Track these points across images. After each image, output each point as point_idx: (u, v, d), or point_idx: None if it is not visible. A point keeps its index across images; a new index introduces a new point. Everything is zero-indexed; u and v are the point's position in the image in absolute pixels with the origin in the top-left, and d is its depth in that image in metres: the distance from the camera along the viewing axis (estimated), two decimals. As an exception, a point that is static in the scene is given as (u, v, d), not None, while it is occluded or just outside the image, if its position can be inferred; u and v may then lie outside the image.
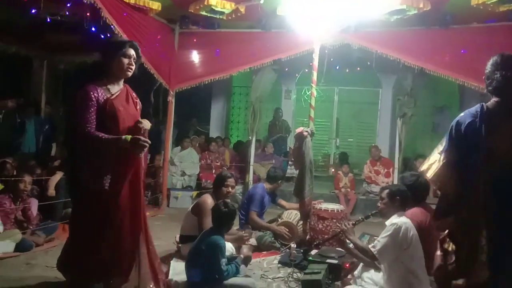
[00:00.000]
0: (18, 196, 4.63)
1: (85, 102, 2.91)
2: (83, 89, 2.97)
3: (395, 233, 2.98)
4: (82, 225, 3.01)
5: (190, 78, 6.83)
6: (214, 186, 4.28)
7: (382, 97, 9.30)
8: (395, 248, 2.97)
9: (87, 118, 2.89)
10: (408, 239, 2.98)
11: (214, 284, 3.22)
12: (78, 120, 2.90)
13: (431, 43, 5.89)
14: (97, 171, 2.93)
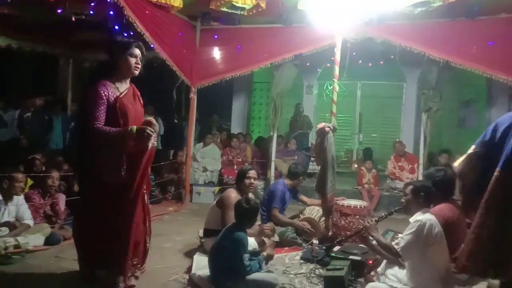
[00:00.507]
0: (46, 192, 4.78)
1: (95, 100, 3.04)
2: (93, 87, 3.10)
3: (419, 230, 2.93)
4: (93, 215, 3.14)
5: (212, 75, 6.87)
6: (237, 180, 4.34)
7: (406, 91, 9.12)
8: (419, 245, 2.92)
9: (97, 115, 3.03)
10: (433, 236, 2.92)
11: (236, 279, 3.25)
12: (88, 116, 3.03)
13: (457, 35, 5.73)
14: (110, 164, 3.05)
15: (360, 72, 8.64)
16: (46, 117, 7.78)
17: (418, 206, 3.11)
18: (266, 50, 6.67)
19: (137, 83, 3.52)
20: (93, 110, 3.03)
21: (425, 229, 2.92)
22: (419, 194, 3.12)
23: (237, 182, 4.30)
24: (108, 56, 3.29)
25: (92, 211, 3.16)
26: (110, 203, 3.11)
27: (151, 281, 3.55)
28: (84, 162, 3.20)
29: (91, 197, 3.18)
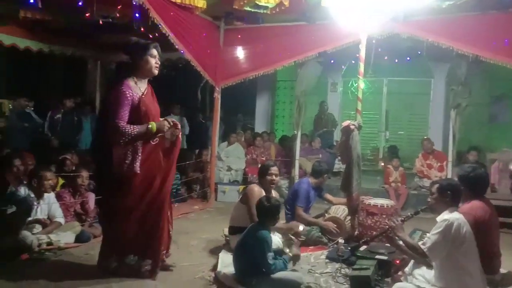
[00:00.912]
0: (76, 190, 4.92)
1: (120, 100, 3.19)
2: (118, 87, 3.24)
3: (446, 230, 2.85)
4: (121, 206, 3.34)
5: (236, 74, 6.90)
6: (259, 176, 4.38)
7: (434, 87, 8.90)
8: (447, 245, 2.84)
9: (121, 114, 3.18)
10: (461, 235, 2.84)
11: (261, 277, 3.26)
12: (113, 115, 3.17)
13: (488, 29, 5.53)
14: (126, 159, 3.25)
15: (386, 69, 8.49)
16: (76, 118, 8.01)
17: (445, 205, 3.03)
18: (289, 48, 6.64)
19: (162, 84, 3.59)
20: (118, 110, 3.16)
21: (453, 228, 2.84)
22: (445, 193, 3.03)
23: (259, 178, 4.34)
24: (130, 56, 3.40)
25: (120, 203, 3.33)
26: (138, 195, 3.32)
27: (177, 279, 3.60)
28: (103, 157, 3.34)
29: (116, 190, 3.32)
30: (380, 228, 4.25)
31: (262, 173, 4.28)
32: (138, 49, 3.36)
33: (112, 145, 3.22)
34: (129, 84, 3.28)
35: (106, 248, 3.55)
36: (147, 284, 3.46)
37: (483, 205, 3.34)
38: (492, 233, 3.35)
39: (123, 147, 3.23)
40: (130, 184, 3.29)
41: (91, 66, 9.25)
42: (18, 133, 7.43)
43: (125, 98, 3.19)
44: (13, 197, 4.03)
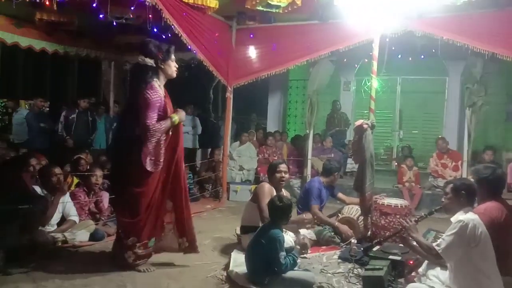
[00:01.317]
0: (91, 190, 4.99)
1: (152, 103, 3.44)
2: (147, 90, 3.45)
3: (461, 231, 2.79)
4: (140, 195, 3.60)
5: (248, 74, 6.91)
6: (268, 174, 4.41)
7: (449, 85, 8.78)
8: (462, 247, 2.79)
9: (153, 116, 3.45)
10: (476, 236, 2.77)
11: (273, 276, 3.26)
12: (145, 117, 3.41)
13: (504, 26, 5.42)
14: (154, 153, 3.53)
15: (399, 67, 8.40)
16: (90, 118, 8.11)
17: (460, 205, 2.97)
18: (301, 47, 6.62)
19: (175, 84, 3.66)
20: (150, 113, 3.43)
21: (468, 229, 2.78)
22: (460, 193, 2.97)
23: (269, 176, 4.37)
24: (154, 60, 3.58)
25: (147, 192, 3.60)
26: (163, 183, 3.69)
27: (190, 277, 3.62)
28: (125, 154, 3.58)
29: (143, 181, 3.58)
30: (394, 228, 4.21)
31: (271, 171, 4.31)
32: (161, 53, 3.58)
33: (143, 143, 3.46)
34: (156, 87, 3.50)
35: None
36: (160, 282, 3.49)
37: (499, 205, 3.27)
38: (509, 234, 3.28)
39: (152, 144, 3.48)
40: (156, 175, 3.60)
41: (105, 67, 9.34)
42: (35, 133, 7.55)
43: (156, 101, 3.45)
44: (29, 196, 4.09)
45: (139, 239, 3.67)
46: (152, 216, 3.69)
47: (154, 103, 3.43)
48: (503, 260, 2.90)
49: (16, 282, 3.36)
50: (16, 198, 4.00)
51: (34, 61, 12.45)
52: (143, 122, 3.40)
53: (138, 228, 3.65)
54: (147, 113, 3.41)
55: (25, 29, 6.67)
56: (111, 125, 8.64)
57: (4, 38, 6.43)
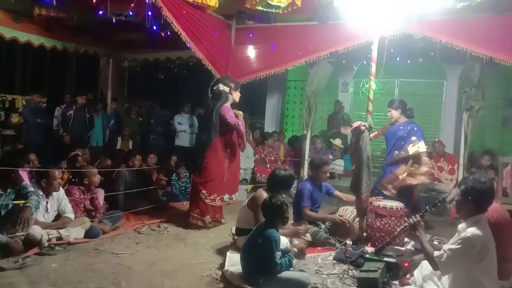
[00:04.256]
0: (86, 187, 4.95)
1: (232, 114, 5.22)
2: (228, 108, 5.24)
3: (465, 248, 2.63)
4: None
5: (246, 73, 6.89)
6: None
7: (446, 89, 8.80)
8: (462, 262, 2.67)
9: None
10: (481, 255, 2.64)
11: (268, 276, 3.26)
12: (234, 121, 5.19)
13: (502, 30, 5.44)
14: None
15: (398, 70, 8.40)
16: (88, 115, 8.08)
17: (468, 210, 2.78)
18: (301, 48, 6.62)
19: (173, 82, 3.66)
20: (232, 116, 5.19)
21: (473, 248, 2.62)
22: (467, 198, 2.76)
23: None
24: (229, 89, 5.29)
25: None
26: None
27: (185, 276, 3.62)
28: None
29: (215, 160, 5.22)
30: (388, 230, 4.22)
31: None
32: (234, 83, 5.42)
33: (241, 133, 5.30)
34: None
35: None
36: (154, 280, 3.49)
37: (498, 207, 3.28)
38: (506, 237, 3.29)
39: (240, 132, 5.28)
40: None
41: (104, 63, 9.32)
42: (32, 129, 7.53)
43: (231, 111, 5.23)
44: (22, 192, 4.07)
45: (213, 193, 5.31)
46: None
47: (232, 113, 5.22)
48: (498, 264, 2.88)
49: (10, 277, 3.34)
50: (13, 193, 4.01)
51: (32, 56, 12.41)
52: (235, 124, 5.17)
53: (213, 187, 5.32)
54: (233, 120, 5.16)
55: (23, 24, 6.65)
56: (108, 122, 8.62)
57: (3, 32, 6.40)
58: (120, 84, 9.99)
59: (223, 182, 5.27)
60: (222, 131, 5.24)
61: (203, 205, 5.20)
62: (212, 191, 5.22)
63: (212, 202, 5.22)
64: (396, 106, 5.42)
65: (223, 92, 5.26)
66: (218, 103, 5.19)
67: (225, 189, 5.32)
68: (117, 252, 4.14)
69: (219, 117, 5.15)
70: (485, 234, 2.70)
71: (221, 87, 5.28)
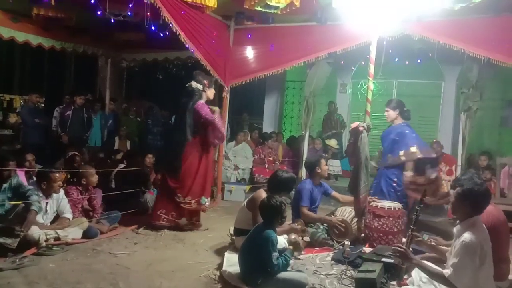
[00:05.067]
0: (84, 187, 4.95)
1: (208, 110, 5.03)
2: (203, 104, 5.01)
3: (468, 256, 2.61)
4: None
5: (245, 74, 6.90)
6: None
7: (444, 90, 8.83)
8: (473, 268, 2.64)
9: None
10: (482, 258, 2.64)
11: (266, 277, 3.26)
12: (211, 117, 4.99)
13: (501, 31, 5.46)
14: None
15: (396, 71, 8.43)
16: (86, 115, 8.07)
17: (465, 213, 2.78)
18: (299, 48, 6.63)
19: (172, 82, 3.65)
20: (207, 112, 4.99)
21: (474, 250, 2.62)
22: (464, 202, 2.75)
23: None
24: (202, 85, 5.06)
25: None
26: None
27: (183, 276, 3.62)
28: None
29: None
30: (386, 230, 4.24)
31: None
32: (209, 80, 5.22)
33: (217, 127, 5.07)
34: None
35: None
36: (152, 280, 3.48)
37: (493, 209, 3.29)
38: (502, 238, 3.30)
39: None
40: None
41: (102, 63, 9.32)
42: (30, 129, 7.51)
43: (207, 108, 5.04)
44: (21, 190, 4.07)
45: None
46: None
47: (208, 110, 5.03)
48: (495, 265, 2.89)
49: (7, 278, 3.34)
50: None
51: (30, 56, 12.39)
52: (212, 119, 4.96)
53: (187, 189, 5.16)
54: (209, 116, 4.97)
55: (22, 24, 6.64)
56: (107, 122, 8.61)
57: (1, 32, 6.39)
58: (119, 84, 9.99)
59: (198, 184, 5.06)
60: (197, 131, 5.01)
61: (178, 208, 5.01)
62: (187, 193, 5.00)
63: (188, 205, 5.03)
64: (394, 106, 5.25)
65: (196, 89, 5.02)
66: (192, 101, 4.96)
67: (201, 191, 5.09)
68: (115, 253, 4.13)
69: (194, 115, 4.93)
70: (482, 237, 2.70)
71: (194, 85, 5.03)
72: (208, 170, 5.27)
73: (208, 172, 5.25)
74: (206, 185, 5.19)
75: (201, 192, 5.10)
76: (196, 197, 5.07)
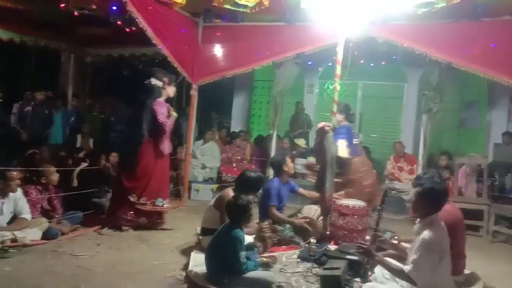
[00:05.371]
0: (44, 186, 4.76)
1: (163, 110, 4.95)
2: (161, 104, 4.94)
3: (427, 253, 2.69)
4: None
5: (213, 72, 6.86)
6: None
7: (407, 91, 9.10)
8: (430, 267, 2.72)
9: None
10: (440, 254, 2.75)
11: (233, 276, 3.25)
12: (163, 119, 4.89)
13: (460, 37, 5.70)
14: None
15: (361, 72, 8.61)
16: (46, 112, 7.79)
17: (425, 211, 2.86)
18: (268, 48, 6.65)
19: (139, 79, 3.59)
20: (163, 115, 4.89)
21: (434, 247, 2.71)
22: (425, 201, 2.82)
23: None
24: (162, 83, 4.96)
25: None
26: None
27: (148, 277, 3.56)
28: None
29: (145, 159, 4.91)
30: (351, 228, 4.33)
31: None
32: (168, 77, 5.07)
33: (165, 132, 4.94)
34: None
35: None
36: (116, 282, 3.40)
37: (450, 208, 3.43)
38: (459, 235, 3.45)
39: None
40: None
41: (65, 58, 9.01)
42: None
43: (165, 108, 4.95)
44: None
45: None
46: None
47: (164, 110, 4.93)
48: (452, 260, 3.00)
49: (-40, 282, 3.18)
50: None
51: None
52: (163, 122, 4.84)
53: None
54: (164, 116, 4.88)
55: (-24, 15, 6.32)
56: (69, 119, 8.34)
57: (-47, 23, 6.07)
58: (82, 80, 9.69)
59: (154, 184, 4.92)
60: (154, 128, 4.87)
61: (134, 209, 4.87)
62: (142, 193, 4.87)
63: (142, 206, 4.88)
64: (341, 110, 5.35)
65: (155, 86, 4.94)
66: (150, 98, 4.88)
67: (156, 192, 4.95)
68: (76, 254, 4.00)
69: (151, 113, 4.85)
70: (441, 235, 2.80)
71: (153, 81, 4.95)
72: (166, 170, 5.16)
73: (165, 173, 5.15)
74: (162, 186, 5.07)
75: (157, 193, 4.96)
76: (152, 198, 4.93)
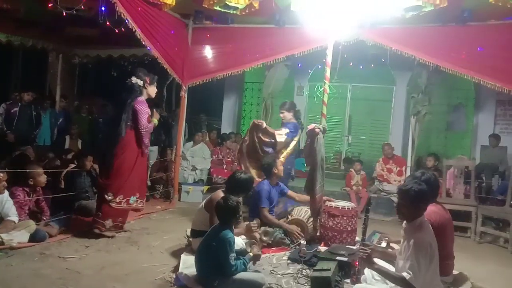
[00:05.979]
0: (31, 188, 4.70)
1: (145, 111, 4.86)
2: (143, 104, 4.87)
3: (420, 256, 2.74)
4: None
5: (203, 73, 6.85)
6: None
7: (395, 94, 9.20)
8: (426, 266, 2.77)
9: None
10: (430, 255, 2.78)
11: (223, 278, 3.24)
12: (144, 122, 4.83)
13: (447, 40, 5.78)
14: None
15: (351, 75, 8.68)
16: (34, 113, 7.69)
17: (413, 214, 2.91)
18: (258, 50, 6.67)
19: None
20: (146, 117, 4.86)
21: (426, 249, 2.75)
22: (413, 205, 2.87)
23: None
24: (144, 82, 4.89)
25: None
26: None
27: (138, 280, 3.53)
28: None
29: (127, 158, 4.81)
30: (341, 230, 4.35)
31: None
32: (150, 77, 4.96)
33: (143, 136, 4.84)
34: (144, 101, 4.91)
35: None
36: (105, 285, 3.37)
37: (438, 209, 3.47)
38: (447, 236, 3.49)
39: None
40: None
41: (53, 59, 8.91)
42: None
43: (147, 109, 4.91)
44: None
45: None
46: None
47: (146, 110, 4.87)
48: (440, 261, 3.04)
49: None
50: None
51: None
52: (144, 125, 4.80)
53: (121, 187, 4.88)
54: (142, 118, 4.80)
55: (-38, 14, 6.22)
56: (57, 120, 8.24)
57: None
58: (71, 81, 9.60)
59: (131, 182, 4.83)
60: (132, 126, 4.80)
61: (106, 208, 4.70)
62: (118, 192, 4.74)
63: (118, 205, 4.74)
64: (289, 108, 5.59)
65: (136, 85, 4.85)
66: (131, 97, 4.80)
67: (132, 190, 4.87)
68: (64, 256, 3.95)
69: (132, 112, 4.78)
70: (430, 236, 2.85)
71: (134, 80, 4.85)
72: (144, 170, 5.18)
73: (143, 171, 5.15)
74: (140, 184, 5.03)
75: (132, 191, 4.87)
76: (127, 196, 4.82)
